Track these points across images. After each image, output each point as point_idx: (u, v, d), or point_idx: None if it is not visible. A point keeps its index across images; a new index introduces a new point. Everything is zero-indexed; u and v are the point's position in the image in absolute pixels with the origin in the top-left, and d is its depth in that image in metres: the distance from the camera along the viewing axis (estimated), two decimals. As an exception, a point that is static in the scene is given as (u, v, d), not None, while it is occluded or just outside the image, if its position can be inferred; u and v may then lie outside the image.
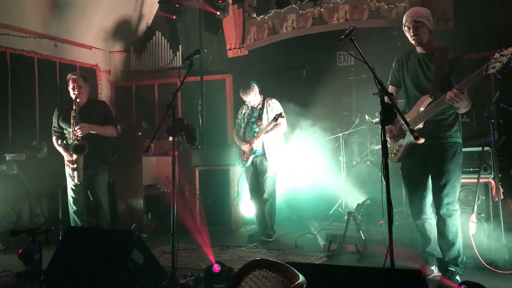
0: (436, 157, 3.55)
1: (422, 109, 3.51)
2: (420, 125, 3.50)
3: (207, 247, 4.90)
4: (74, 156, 4.68)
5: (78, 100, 4.77)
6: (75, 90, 4.76)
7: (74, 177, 4.73)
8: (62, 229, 5.34)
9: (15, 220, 5.90)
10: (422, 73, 3.59)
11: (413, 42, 3.56)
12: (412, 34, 3.52)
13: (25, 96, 6.81)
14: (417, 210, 3.73)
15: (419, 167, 3.66)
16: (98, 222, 4.93)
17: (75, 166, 4.71)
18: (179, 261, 3.78)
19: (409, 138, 3.59)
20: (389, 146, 3.73)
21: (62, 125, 4.87)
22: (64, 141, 4.81)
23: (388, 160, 3.80)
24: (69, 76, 4.87)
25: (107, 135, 4.97)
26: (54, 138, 4.95)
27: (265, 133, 5.32)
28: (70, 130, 4.73)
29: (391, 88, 3.86)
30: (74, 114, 4.70)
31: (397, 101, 3.92)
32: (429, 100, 3.49)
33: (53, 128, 4.97)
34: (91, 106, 4.92)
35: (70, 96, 4.84)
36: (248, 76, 6.60)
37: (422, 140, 3.37)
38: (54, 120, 4.96)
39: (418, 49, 3.62)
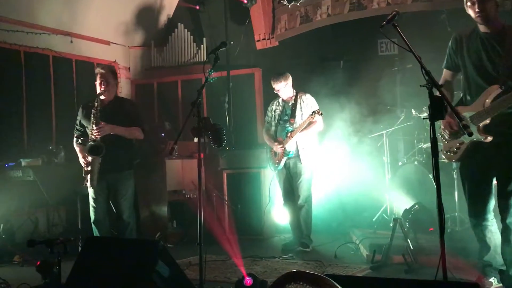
0: (505, 158, 3.38)
1: (488, 101, 3.33)
2: (487, 121, 3.33)
3: (237, 258, 4.92)
4: (89, 158, 4.72)
5: (103, 97, 4.79)
6: (102, 85, 4.79)
7: (87, 180, 4.76)
8: (82, 239, 5.45)
9: (32, 230, 6.06)
10: (486, 56, 3.39)
11: (477, 19, 3.36)
12: (477, 10, 3.31)
13: (40, 97, 6.99)
14: (478, 215, 3.59)
15: (483, 167, 3.49)
16: (121, 232, 4.95)
17: (89, 168, 4.75)
18: (207, 274, 3.81)
19: (475, 135, 3.38)
20: (447, 142, 3.63)
21: (84, 123, 4.92)
22: (80, 140, 4.83)
23: (447, 159, 3.74)
24: (97, 69, 4.90)
25: (131, 138, 4.99)
26: (74, 137, 5.01)
27: (299, 132, 5.31)
28: (90, 129, 4.75)
29: (446, 73, 3.72)
30: (95, 112, 4.71)
31: (453, 89, 3.79)
32: (498, 91, 3.30)
33: (75, 126, 5.03)
34: (117, 105, 4.93)
35: (95, 92, 4.87)
36: (279, 70, 6.59)
37: (490, 139, 3.25)
38: (78, 118, 5.02)
39: (482, 28, 3.42)
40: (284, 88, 5.46)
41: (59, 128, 7.12)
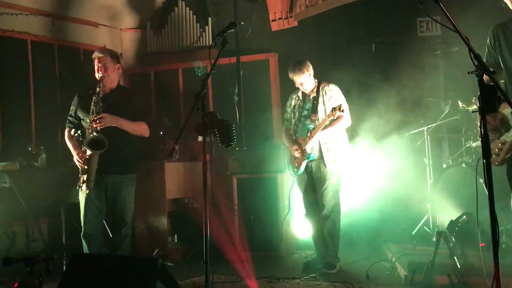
0: None
1: None
2: None
3: (250, 279, 4.94)
4: (88, 152, 4.69)
5: (103, 83, 4.84)
6: (100, 71, 4.86)
7: (84, 181, 4.75)
8: (67, 256, 5.50)
9: (9, 246, 6.12)
10: None
11: None
12: None
13: (16, 89, 7.04)
14: None
15: None
16: (114, 249, 4.98)
17: (86, 167, 4.73)
18: (214, 297, 3.83)
19: None
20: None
21: (80, 114, 4.96)
22: (79, 132, 4.85)
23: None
24: (94, 54, 4.98)
25: (136, 134, 5.01)
26: (66, 130, 5.04)
27: (321, 129, 5.30)
28: (89, 120, 4.76)
29: None
30: (95, 99, 4.74)
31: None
32: None
33: (68, 118, 5.07)
34: (120, 95, 4.99)
35: (95, 79, 4.92)
36: (299, 55, 6.59)
37: None
38: (72, 108, 5.06)
39: None
40: (308, 79, 5.45)
41: (40, 126, 7.17)
